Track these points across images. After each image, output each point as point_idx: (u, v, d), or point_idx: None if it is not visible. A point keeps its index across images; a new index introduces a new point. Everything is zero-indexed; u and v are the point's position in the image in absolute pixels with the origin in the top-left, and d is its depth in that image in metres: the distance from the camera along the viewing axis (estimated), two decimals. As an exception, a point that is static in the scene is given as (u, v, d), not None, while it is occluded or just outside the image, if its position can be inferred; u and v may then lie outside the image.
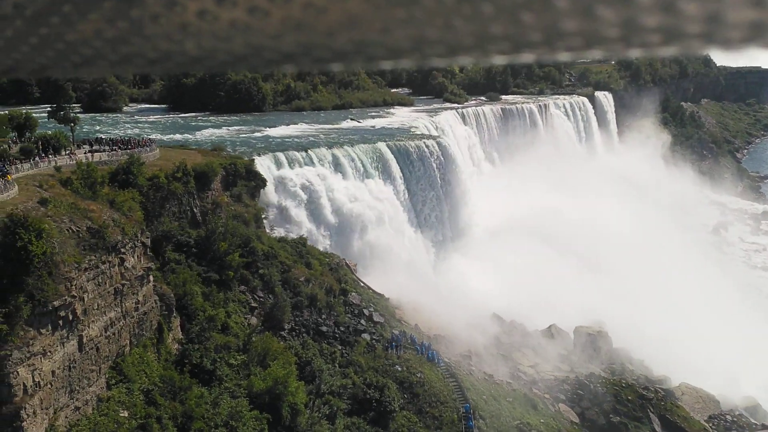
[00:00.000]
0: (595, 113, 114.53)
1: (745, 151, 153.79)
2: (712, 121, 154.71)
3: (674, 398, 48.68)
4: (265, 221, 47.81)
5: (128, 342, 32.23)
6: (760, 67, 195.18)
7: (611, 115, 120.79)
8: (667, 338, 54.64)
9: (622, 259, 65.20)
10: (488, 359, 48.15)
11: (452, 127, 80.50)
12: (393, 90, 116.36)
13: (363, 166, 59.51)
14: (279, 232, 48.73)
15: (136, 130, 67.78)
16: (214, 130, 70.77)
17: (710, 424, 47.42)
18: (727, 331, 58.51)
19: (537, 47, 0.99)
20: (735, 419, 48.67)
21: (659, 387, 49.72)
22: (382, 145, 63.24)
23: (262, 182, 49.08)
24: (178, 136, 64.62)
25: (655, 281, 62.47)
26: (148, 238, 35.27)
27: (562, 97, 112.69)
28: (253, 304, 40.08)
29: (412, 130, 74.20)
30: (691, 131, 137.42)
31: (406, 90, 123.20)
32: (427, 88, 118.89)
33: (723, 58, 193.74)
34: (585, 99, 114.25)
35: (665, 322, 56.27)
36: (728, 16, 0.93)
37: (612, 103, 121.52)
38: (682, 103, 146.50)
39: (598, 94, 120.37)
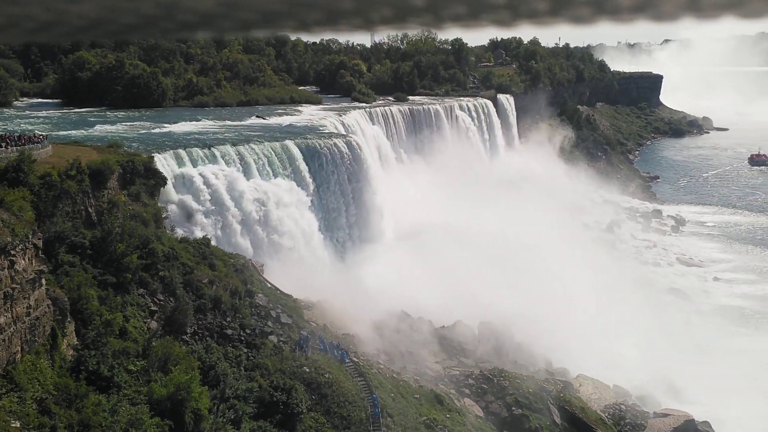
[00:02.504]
0: (497, 115, 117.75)
1: (637, 152, 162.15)
2: (606, 124, 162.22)
3: (572, 389, 50.59)
4: (165, 221, 46.24)
5: (19, 349, 30.41)
6: (651, 72, 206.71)
7: (512, 117, 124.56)
8: (566, 331, 56.83)
9: (524, 256, 67.25)
10: (396, 357, 48.55)
11: (361, 127, 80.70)
12: (300, 87, 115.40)
13: (270, 164, 58.64)
14: (180, 232, 47.24)
15: (27, 126, 64.30)
16: (110, 126, 67.94)
17: (606, 414, 49.58)
18: (621, 324, 61.54)
19: (497, 12, 0.92)
20: (628, 408, 51.12)
21: (558, 379, 51.56)
22: (289, 143, 62.53)
23: (161, 180, 47.44)
24: (72, 132, 61.67)
25: (555, 277, 64.80)
26: (40, 239, 33.37)
27: (466, 99, 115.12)
28: (153, 308, 38.64)
29: (321, 128, 73.82)
30: (587, 133, 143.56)
31: (314, 88, 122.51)
32: (335, 86, 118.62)
33: (617, 64, 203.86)
34: (488, 101, 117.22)
35: (564, 316, 58.50)
36: None
37: (513, 106, 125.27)
38: (579, 107, 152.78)
39: (501, 96, 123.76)
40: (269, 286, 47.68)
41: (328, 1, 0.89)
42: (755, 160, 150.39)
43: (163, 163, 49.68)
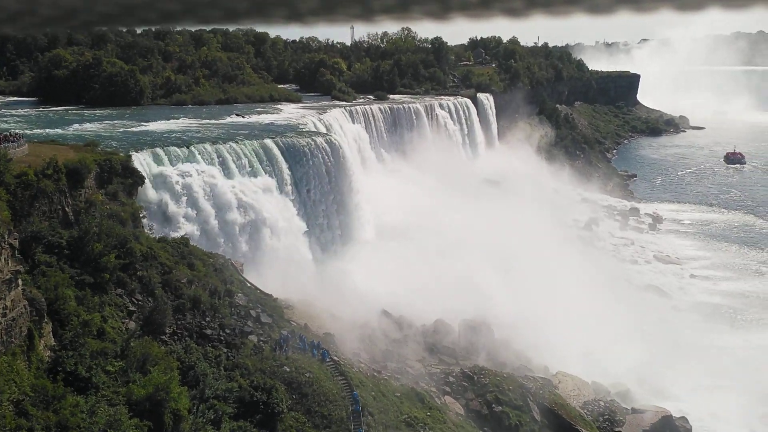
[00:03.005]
0: (477, 114, 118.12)
1: (615, 151, 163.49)
2: (584, 123, 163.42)
3: (552, 386, 50.91)
4: (143, 221, 45.82)
5: (-6, 351, 30.00)
6: (628, 71, 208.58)
7: (492, 116, 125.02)
8: (546, 328, 57.17)
9: (504, 254, 67.59)
10: (377, 355, 48.56)
11: (341, 125, 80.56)
12: (280, 86, 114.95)
13: (249, 163, 58.31)
14: (159, 231, 46.85)
15: (3, 125, 63.43)
16: (87, 125, 67.25)
17: (585, 410, 49.98)
18: (600, 321, 62.02)
19: (427, 3, 0.90)
20: (607, 404, 51.57)
21: (538, 376, 51.88)
22: (269, 142, 62.23)
23: (139, 179, 47.01)
24: (49, 131, 60.96)
25: (535, 274, 65.17)
26: (16, 239, 32.91)
27: (446, 97, 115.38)
28: (131, 308, 38.30)
29: (301, 127, 73.55)
30: (566, 132, 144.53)
31: (294, 86, 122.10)
32: (315, 84, 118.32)
33: (595, 63, 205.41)
34: (468, 100, 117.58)
35: (544, 313, 58.83)
36: None
37: (493, 105, 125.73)
38: (557, 106, 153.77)
39: (480, 95, 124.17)
40: (249, 285, 47.44)
41: None
42: (731, 159, 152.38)
43: (141, 161, 49.25)
